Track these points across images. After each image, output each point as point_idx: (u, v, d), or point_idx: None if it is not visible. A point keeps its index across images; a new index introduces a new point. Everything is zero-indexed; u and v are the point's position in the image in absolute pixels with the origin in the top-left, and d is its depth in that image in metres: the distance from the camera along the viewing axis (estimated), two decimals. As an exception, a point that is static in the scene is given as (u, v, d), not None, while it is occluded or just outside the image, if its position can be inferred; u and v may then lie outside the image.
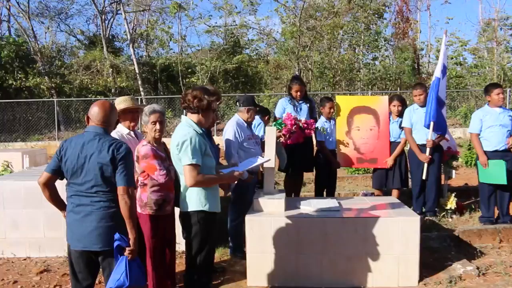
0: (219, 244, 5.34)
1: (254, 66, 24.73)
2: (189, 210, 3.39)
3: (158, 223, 3.83)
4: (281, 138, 5.70)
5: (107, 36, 23.60)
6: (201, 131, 3.43)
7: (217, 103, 3.52)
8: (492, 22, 24.67)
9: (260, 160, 4.15)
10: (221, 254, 5.30)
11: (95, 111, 3.18)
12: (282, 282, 4.33)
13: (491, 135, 5.74)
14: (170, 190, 3.79)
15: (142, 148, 3.76)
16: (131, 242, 3.07)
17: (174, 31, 25.21)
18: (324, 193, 6.42)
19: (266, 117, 6.27)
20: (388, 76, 23.25)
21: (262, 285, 4.35)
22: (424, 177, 6.01)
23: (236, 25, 23.97)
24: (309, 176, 7.46)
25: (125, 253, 3.06)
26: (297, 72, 20.19)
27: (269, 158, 4.42)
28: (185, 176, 3.27)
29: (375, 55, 24.97)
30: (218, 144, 4.96)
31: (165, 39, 23.84)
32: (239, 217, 4.89)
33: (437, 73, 6.18)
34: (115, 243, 3.04)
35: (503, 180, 5.60)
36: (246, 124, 5.16)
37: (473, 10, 45.26)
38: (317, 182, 6.45)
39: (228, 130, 5.03)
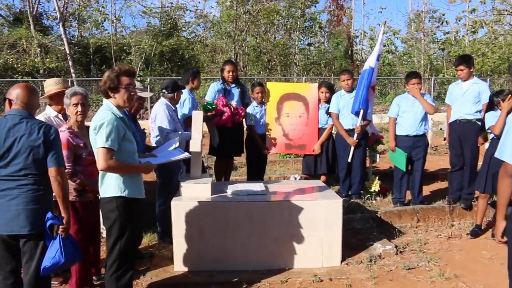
0: (147, 230, 5.29)
1: (190, 49, 24.35)
2: (107, 196, 3.29)
3: (79, 210, 3.77)
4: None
5: (34, 13, 22.27)
6: (121, 115, 3.31)
7: (133, 83, 3.41)
8: (420, 14, 25.80)
9: (180, 155, 4.12)
10: (150, 239, 5.25)
11: (18, 93, 3.16)
12: (209, 266, 4.35)
13: (404, 120, 6.06)
14: (92, 177, 3.69)
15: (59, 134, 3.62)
16: (64, 220, 3.17)
17: (108, 11, 24.20)
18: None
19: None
20: (323, 62, 23.73)
21: (189, 269, 4.35)
22: (349, 160, 6.20)
23: (173, 6, 23.46)
24: (241, 160, 7.49)
25: (59, 231, 3.15)
26: (233, 56, 20.14)
27: (188, 154, 4.39)
28: (97, 160, 3.18)
29: (310, 41, 25.37)
30: (144, 129, 4.84)
31: (100, 20, 22.88)
32: (166, 202, 4.84)
33: (372, 62, 6.34)
34: (48, 222, 3.08)
35: (403, 168, 6.01)
36: (174, 108, 5.09)
37: (404, 0, 46.98)
38: (248, 166, 6.49)
39: (160, 116, 4.92)
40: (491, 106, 5.29)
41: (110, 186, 3.28)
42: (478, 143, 5.76)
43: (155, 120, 4.97)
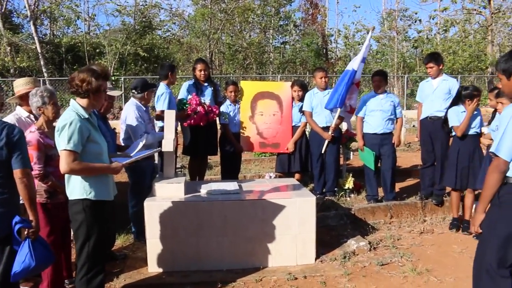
0: (122, 231, 5.22)
1: (165, 48, 24.15)
2: (73, 198, 3.23)
3: (50, 211, 3.71)
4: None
5: (3, 10, 21.73)
6: (86, 116, 3.24)
7: (107, 83, 3.37)
8: (393, 12, 26.19)
9: (148, 152, 4.06)
10: (124, 240, 5.18)
11: None
12: (184, 266, 4.31)
13: (372, 119, 6.15)
14: (63, 178, 3.61)
15: (29, 135, 3.57)
16: (33, 223, 3.07)
17: (81, 9, 23.81)
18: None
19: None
20: (298, 60, 23.86)
21: (163, 270, 4.30)
22: (323, 151, 6.24)
23: (147, 4, 23.20)
24: (216, 159, 7.47)
25: (27, 234, 3.05)
26: (208, 55, 20.06)
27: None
28: (60, 162, 3.11)
29: (285, 40, 25.48)
30: (115, 129, 4.77)
31: (72, 18, 22.48)
32: (139, 202, 4.79)
33: (355, 65, 6.33)
34: (16, 227, 2.99)
35: (371, 166, 6.11)
36: (144, 108, 5.03)
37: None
38: (222, 165, 6.47)
39: (130, 116, 4.86)
40: (457, 100, 5.39)
41: (76, 188, 3.22)
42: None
43: (125, 121, 4.91)
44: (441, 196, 6.05)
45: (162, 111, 5.35)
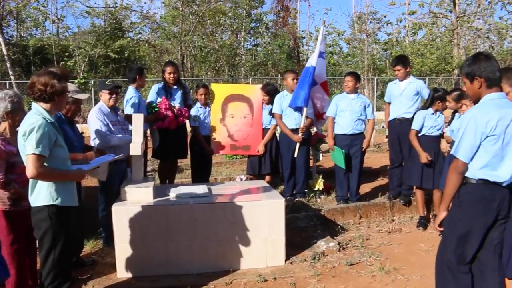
0: (90, 236, 5.14)
1: (136, 50, 23.88)
2: (38, 204, 3.16)
3: (14, 219, 3.61)
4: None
5: (-34, 11, 21.14)
6: (52, 120, 3.19)
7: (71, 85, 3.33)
8: (363, 15, 26.64)
9: (111, 158, 4.02)
10: (93, 246, 5.10)
11: None
12: (153, 271, 4.28)
13: (342, 119, 6.21)
14: (26, 185, 3.53)
15: None
16: None
17: (49, 10, 23.30)
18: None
19: None
20: (270, 62, 23.96)
21: (133, 275, 4.25)
22: (295, 155, 6.27)
23: (118, 6, 22.90)
24: (187, 162, 7.43)
25: None
26: (180, 57, 19.95)
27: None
28: (27, 167, 3.04)
29: (257, 42, 25.57)
30: (83, 133, 4.70)
31: (40, 19, 21.98)
32: (108, 206, 4.74)
33: (313, 61, 6.42)
34: None
35: (342, 165, 6.16)
36: (109, 110, 4.97)
37: (348, 2, 48.38)
38: (192, 168, 6.45)
39: (92, 117, 4.81)
40: (430, 102, 5.50)
41: (42, 194, 3.15)
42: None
43: (89, 123, 4.87)
44: (408, 196, 6.17)
45: (130, 115, 5.30)
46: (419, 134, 5.53)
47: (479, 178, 2.95)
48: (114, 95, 5.00)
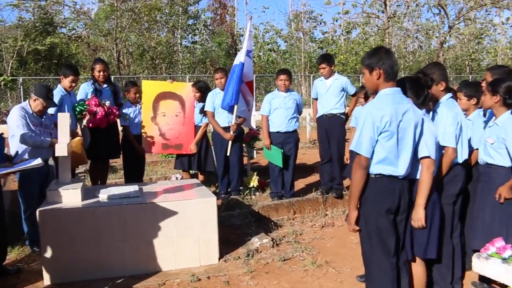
0: (15, 243, 4.88)
1: (69, 47, 22.98)
2: None
3: None
4: (84, 119, 5.48)
5: None
6: None
7: None
8: (299, 14, 27.16)
9: (33, 162, 3.84)
10: (19, 253, 4.84)
11: None
12: (83, 276, 4.12)
13: (276, 117, 6.27)
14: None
15: None
16: None
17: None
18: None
19: None
20: (208, 60, 23.88)
21: (61, 281, 4.09)
22: (228, 154, 6.27)
23: (48, 0, 21.92)
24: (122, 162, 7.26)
25: None
26: (115, 54, 19.43)
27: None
28: None
29: (195, 39, 25.40)
30: (3, 134, 4.47)
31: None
32: (29, 208, 4.56)
33: (241, 57, 6.41)
34: None
35: (279, 164, 6.20)
36: (31, 112, 4.76)
37: (285, 1, 49.08)
38: (125, 168, 6.31)
39: (13, 116, 4.58)
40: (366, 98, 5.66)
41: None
42: None
43: (9, 120, 4.65)
44: (340, 190, 6.34)
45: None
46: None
47: (376, 173, 3.01)
48: (44, 106, 4.82)
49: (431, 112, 3.69)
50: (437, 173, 3.41)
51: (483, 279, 3.71)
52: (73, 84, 5.63)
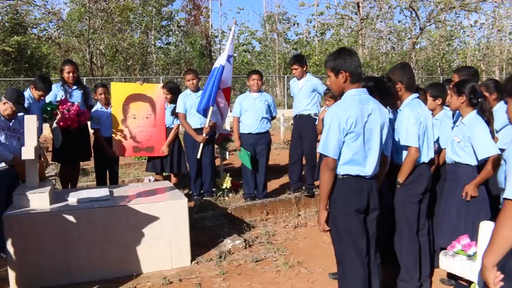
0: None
1: (39, 48, 22.51)
2: None
3: None
4: (56, 118, 5.42)
5: None
6: None
7: None
8: (273, 15, 27.31)
9: None
10: (-15, 259, 4.72)
11: None
12: (52, 282, 4.05)
13: (247, 119, 6.28)
14: None
15: None
16: None
17: None
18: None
19: None
20: (183, 61, 23.75)
21: (29, 288, 4.01)
22: (198, 157, 6.24)
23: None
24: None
25: None
26: (88, 56, 19.15)
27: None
28: None
29: (168, 41, 25.25)
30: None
31: None
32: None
33: (222, 60, 6.35)
34: None
35: (248, 165, 6.22)
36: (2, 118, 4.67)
37: (259, 2, 49.22)
38: (97, 171, 6.23)
39: None
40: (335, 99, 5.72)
41: None
42: None
43: None
44: (311, 189, 6.38)
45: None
46: None
47: (344, 174, 3.04)
48: (14, 111, 4.72)
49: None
50: (393, 170, 3.58)
51: (451, 276, 3.79)
52: (42, 98, 5.55)
